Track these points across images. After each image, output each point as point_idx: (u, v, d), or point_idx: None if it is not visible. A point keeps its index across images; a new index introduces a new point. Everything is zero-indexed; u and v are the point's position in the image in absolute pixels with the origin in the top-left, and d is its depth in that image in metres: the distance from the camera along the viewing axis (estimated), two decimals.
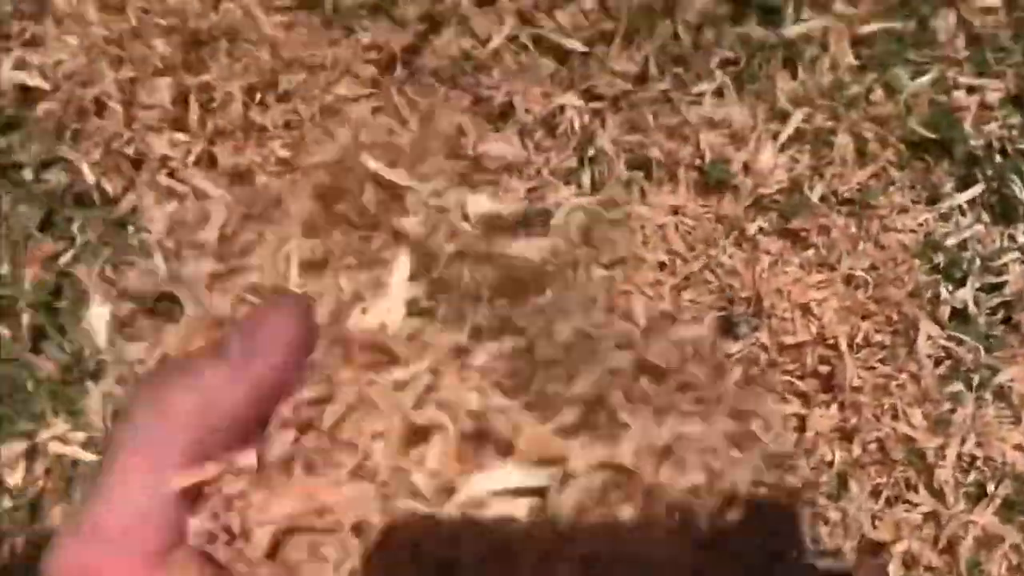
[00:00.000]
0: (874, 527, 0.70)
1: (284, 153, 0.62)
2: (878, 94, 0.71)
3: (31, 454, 0.67)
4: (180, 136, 0.63)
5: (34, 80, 0.64)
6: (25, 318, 0.66)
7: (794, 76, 0.70)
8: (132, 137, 0.63)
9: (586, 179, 0.67)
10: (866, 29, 0.70)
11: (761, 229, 0.70)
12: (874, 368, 0.71)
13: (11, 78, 0.64)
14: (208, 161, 0.64)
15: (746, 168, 0.69)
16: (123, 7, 0.64)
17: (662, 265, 0.70)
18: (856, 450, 0.70)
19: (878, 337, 0.72)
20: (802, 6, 0.69)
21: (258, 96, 0.64)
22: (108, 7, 0.63)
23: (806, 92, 0.69)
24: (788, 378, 0.69)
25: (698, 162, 0.67)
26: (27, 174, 0.66)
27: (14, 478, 0.68)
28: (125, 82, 0.63)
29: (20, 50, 0.64)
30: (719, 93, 0.68)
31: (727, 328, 0.70)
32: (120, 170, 0.65)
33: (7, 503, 0.67)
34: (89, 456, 0.67)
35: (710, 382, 0.29)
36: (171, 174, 0.62)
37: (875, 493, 0.71)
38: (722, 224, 0.69)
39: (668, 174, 0.67)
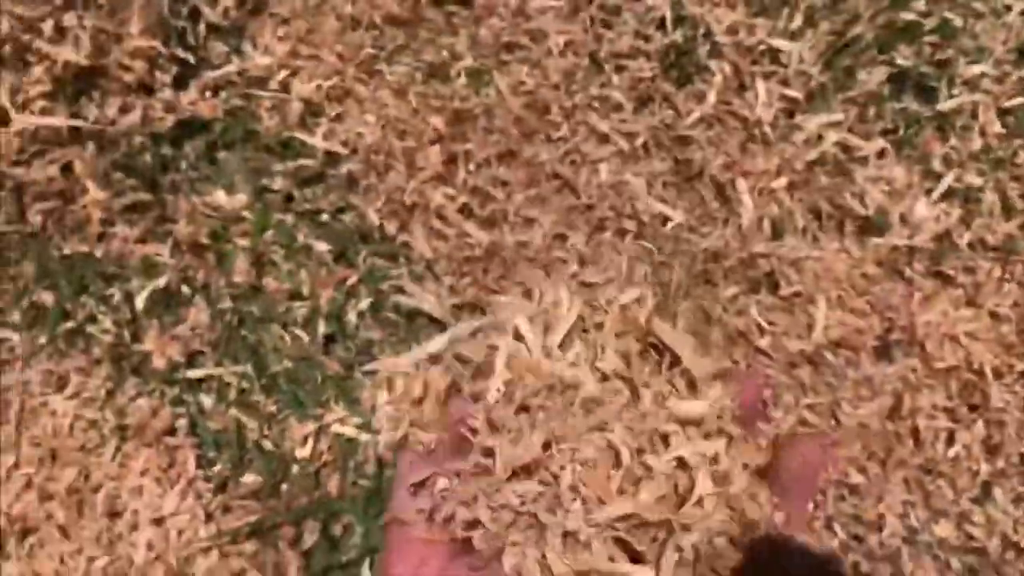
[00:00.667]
0: (1015, 531, 0.80)
1: (529, 210, 0.79)
2: (1022, 157, 0.82)
3: (317, 434, 0.85)
4: (448, 190, 0.80)
5: (337, 147, 0.84)
6: (320, 327, 0.84)
7: (946, 141, 0.82)
8: (411, 190, 0.81)
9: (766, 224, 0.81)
10: (1011, 103, 0.81)
11: (915, 270, 0.82)
12: (1016, 392, 0.81)
13: (321, 145, 0.84)
14: (468, 210, 0.81)
15: (903, 219, 0.81)
16: (406, 92, 0.83)
17: (829, 300, 0.82)
18: (1000, 463, 0.80)
19: (1020, 365, 0.82)
20: (954, 84, 0.81)
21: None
22: (397, 93, 0.82)
23: (957, 156, 0.81)
24: (938, 398, 0.80)
25: (863, 212, 0.80)
26: (325, 217, 0.85)
27: (303, 452, 0.84)
28: (407, 149, 0.81)
29: (328, 124, 0.84)
30: (881, 155, 0.81)
31: (884, 352, 0.82)
32: (398, 215, 0.83)
33: (295, 471, 0.85)
34: (363, 436, 0.84)
35: None
36: (441, 219, 0.80)
37: (1017, 500, 0.81)
38: (882, 265, 0.81)
39: (837, 223, 0.80)
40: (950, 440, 0.79)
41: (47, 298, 0.85)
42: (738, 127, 0.79)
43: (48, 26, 0.83)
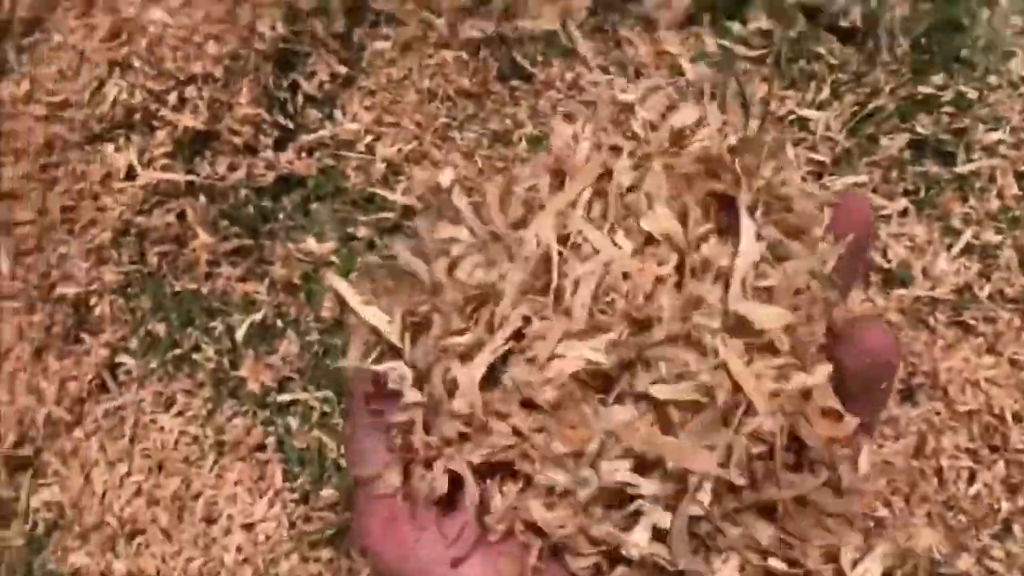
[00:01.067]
0: None
1: None
2: None
3: None
4: None
5: (414, 202, 0.95)
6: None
7: (965, 202, 0.89)
8: None
9: None
10: None
11: (937, 319, 0.89)
12: None
13: (400, 200, 0.95)
14: None
15: (925, 272, 0.88)
16: (474, 155, 0.94)
17: None
18: (1020, 501, 0.85)
19: None
20: (972, 150, 0.88)
21: None
22: (466, 155, 0.94)
23: (976, 215, 0.88)
24: (960, 439, 0.86)
25: (886, 266, 0.88)
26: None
27: None
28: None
29: (406, 182, 0.96)
30: (904, 214, 0.88)
31: (909, 395, 0.88)
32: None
33: None
34: None
35: None
36: None
37: None
38: (905, 314, 0.88)
39: (862, 275, 0.87)
40: (971, 479, 0.85)
41: (160, 329, 0.98)
42: None
43: (172, 97, 0.97)
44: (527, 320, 0.29)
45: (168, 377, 0.96)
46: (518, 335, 0.29)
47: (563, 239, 0.29)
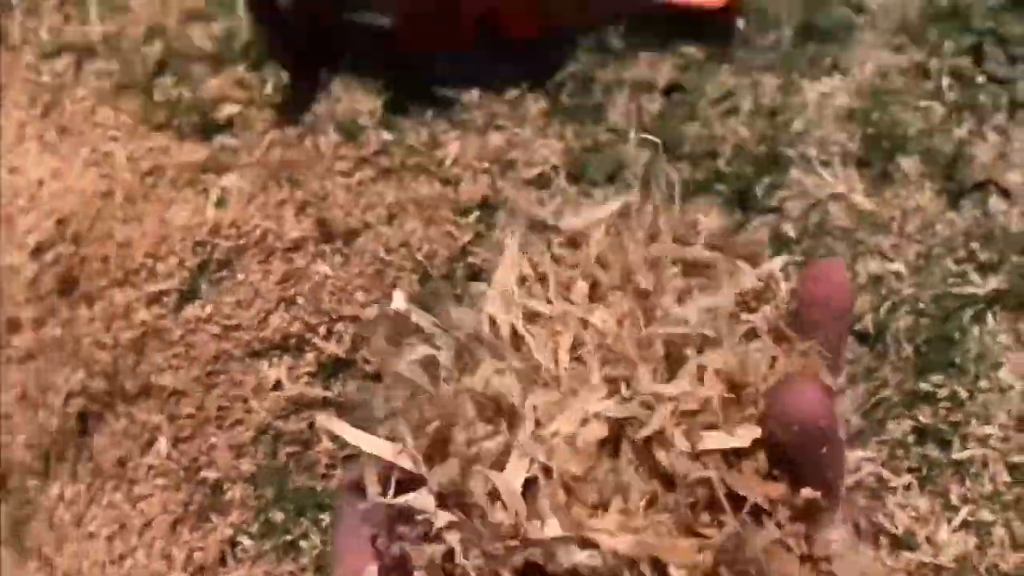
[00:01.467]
0: None
1: None
2: None
3: None
4: None
5: None
6: None
7: (962, 483, 1.06)
8: None
9: None
10: (1016, 458, 1.06)
11: None
12: None
13: None
14: None
15: (928, 540, 1.03)
16: None
17: None
18: None
19: None
20: (967, 440, 1.07)
21: None
22: None
23: (971, 495, 1.04)
24: None
25: (893, 531, 1.03)
26: None
27: None
28: None
29: None
30: (908, 488, 1.05)
31: None
32: None
33: None
34: None
35: None
36: None
37: None
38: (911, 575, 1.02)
39: (873, 536, 1.03)
40: None
41: (278, 516, 1.18)
42: None
43: (323, 329, 1.25)
44: (536, 408, 0.29)
45: (278, 559, 1.14)
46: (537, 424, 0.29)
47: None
